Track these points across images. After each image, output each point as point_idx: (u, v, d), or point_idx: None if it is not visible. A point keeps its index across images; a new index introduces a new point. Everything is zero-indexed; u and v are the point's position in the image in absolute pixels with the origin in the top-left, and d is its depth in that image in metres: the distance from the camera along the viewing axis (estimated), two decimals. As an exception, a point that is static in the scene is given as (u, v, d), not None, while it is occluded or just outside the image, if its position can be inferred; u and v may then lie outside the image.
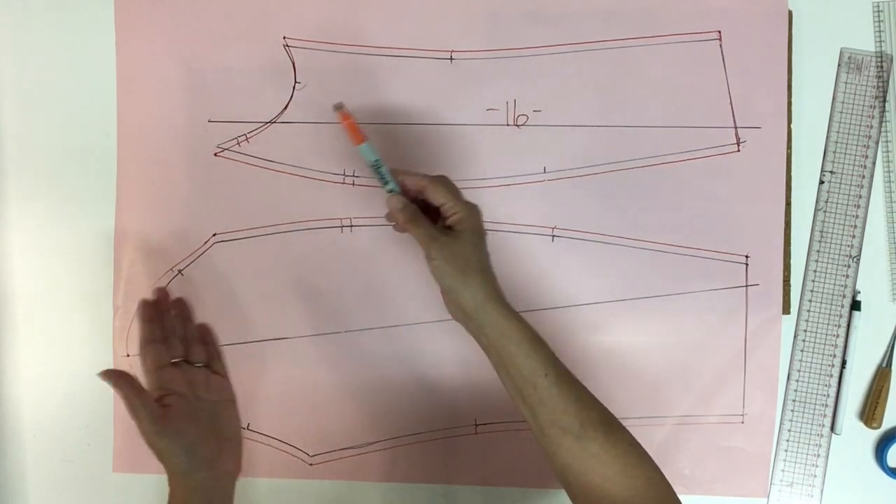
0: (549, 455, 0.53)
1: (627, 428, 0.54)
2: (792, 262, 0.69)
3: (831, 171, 0.69)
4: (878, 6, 0.68)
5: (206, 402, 0.61)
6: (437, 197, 0.57)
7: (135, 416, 0.55)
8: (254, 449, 0.70)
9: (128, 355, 0.70)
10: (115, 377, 0.55)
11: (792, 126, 0.68)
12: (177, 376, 0.61)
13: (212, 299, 0.69)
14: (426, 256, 0.56)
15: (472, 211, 0.57)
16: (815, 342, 0.70)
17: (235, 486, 0.62)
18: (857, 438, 0.70)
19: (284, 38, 0.68)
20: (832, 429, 0.70)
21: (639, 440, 0.56)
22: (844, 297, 0.69)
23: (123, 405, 0.56)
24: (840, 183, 0.69)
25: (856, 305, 0.69)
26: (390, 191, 0.58)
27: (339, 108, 0.60)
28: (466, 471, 0.70)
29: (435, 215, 0.58)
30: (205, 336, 0.66)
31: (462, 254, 0.55)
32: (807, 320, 0.70)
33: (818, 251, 0.69)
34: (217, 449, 0.59)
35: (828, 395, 0.69)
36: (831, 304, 0.69)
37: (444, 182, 0.57)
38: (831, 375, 0.69)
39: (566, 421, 0.52)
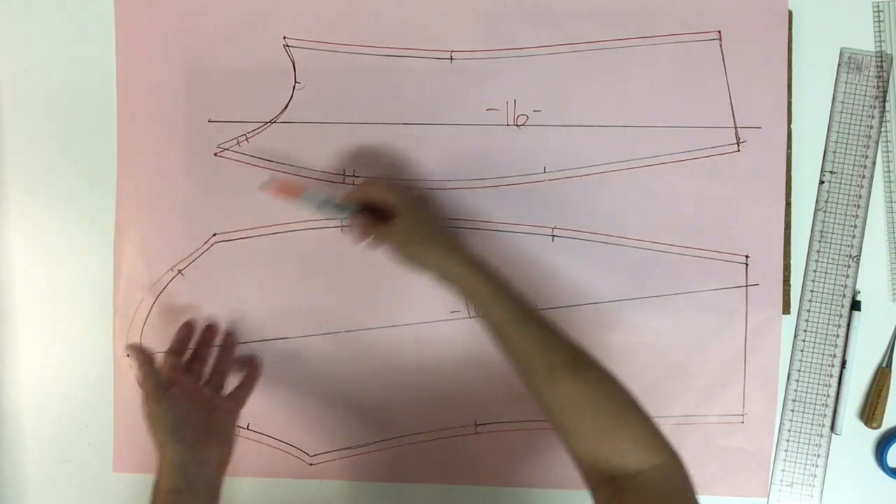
0: (533, 397, 0.55)
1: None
2: (792, 262, 0.69)
3: (831, 171, 0.69)
4: (878, 6, 0.68)
5: (207, 400, 0.64)
6: (374, 196, 0.62)
7: (143, 380, 0.61)
8: (254, 449, 0.70)
9: (128, 355, 0.70)
10: (134, 349, 0.62)
11: (792, 126, 0.68)
12: (183, 375, 0.64)
13: (212, 299, 0.69)
14: (390, 251, 0.61)
15: (404, 191, 0.62)
16: (815, 342, 0.70)
17: (223, 483, 0.62)
18: (857, 438, 0.70)
19: (284, 38, 0.68)
20: (832, 429, 0.70)
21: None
22: (844, 297, 0.69)
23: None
24: (840, 183, 0.69)
25: (856, 305, 0.69)
26: (348, 213, 0.63)
27: (264, 186, 0.65)
28: (466, 471, 0.70)
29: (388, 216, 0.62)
30: (247, 371, 0.68)
31: (410, 232, 0.60)
32: (807, 320, 0.70)
33: (818, 251, 0.69)
34: (203, 433, 0.61)
35: (828, 395, 0.69)
36: (831, 304, 0.69)
37: (373, 182, 0.65)
38: (831, 375, 0.69)
39: (535, 364, 0.54)
